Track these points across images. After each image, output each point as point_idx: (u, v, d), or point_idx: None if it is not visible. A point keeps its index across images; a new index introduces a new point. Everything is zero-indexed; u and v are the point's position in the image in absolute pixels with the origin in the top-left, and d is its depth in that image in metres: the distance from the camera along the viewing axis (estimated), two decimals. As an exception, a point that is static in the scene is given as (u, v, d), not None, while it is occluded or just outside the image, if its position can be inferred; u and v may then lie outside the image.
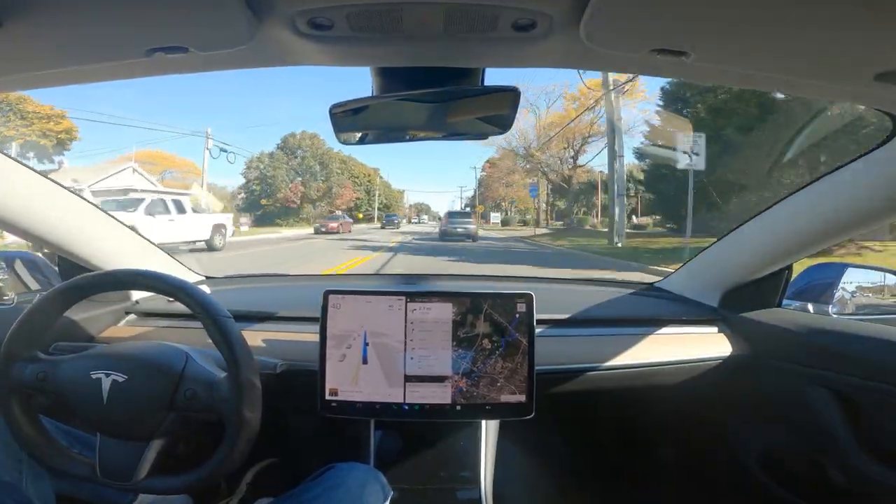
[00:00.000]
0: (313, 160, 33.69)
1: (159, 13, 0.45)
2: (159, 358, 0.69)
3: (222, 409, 0.67)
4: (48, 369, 0.68)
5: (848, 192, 0.78)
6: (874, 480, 0.80)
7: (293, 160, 33.29)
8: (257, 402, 0.68)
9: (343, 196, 34.19)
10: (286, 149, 33.73)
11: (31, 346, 0.70)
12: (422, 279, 1.44)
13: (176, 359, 0.70)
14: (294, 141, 34.04)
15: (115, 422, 0.67)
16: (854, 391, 0.83)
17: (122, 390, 0.65)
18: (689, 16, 0.44)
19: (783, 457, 1.03)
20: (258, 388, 0.68)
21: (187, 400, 0.67)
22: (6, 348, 0.68)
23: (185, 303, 0.68)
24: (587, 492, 1.37)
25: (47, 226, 0.90)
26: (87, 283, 0.71)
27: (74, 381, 0.67)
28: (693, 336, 1.08)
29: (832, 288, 0.97)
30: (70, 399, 0.67)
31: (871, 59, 0.49)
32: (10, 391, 0.68)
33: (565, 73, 24.95)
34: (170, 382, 0.67)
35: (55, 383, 0.67)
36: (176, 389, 0.67)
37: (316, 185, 32.89)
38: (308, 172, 33.04)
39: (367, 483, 0.76)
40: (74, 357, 0.70)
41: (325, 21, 0.47)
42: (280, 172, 31.99)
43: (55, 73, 0.57)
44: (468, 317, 0.90)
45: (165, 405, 0.66)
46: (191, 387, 0.67)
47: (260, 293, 1.38)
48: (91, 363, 0.67)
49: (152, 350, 0.71)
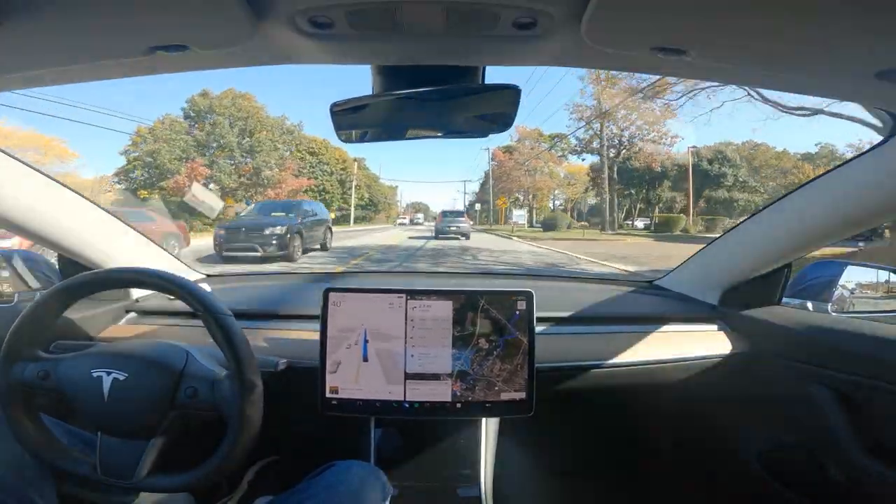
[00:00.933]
0: (229, 127, 20.64)
1: (160, 12, 0.45)
2: (160, 356, 0.69)
3: (223, 408, 0.67)
4: (49, 368, 0.68)
5: (848, 190, 0.78)
6: (874, 478, 0.81)
7: (199, 130, 20.70)
8: (259, 400, 0.68)
9: (283, 185, 21.73)
10: (195, 114, 21.05)
11: (31, 344, 0.70)
12: (422, 277, 1.45)
13: (176, 357, 0.70)
14: (204, 103, 20.86)
15: (116, 420, 0.67)
16: (854, 389, 0.83)
17: (123, 388, 0.65)
18: (690, 14, 0.44)
19: (783, 454, 1.03)
20: (260, 387, 0.68)
21: (188, 398, 0.67)
22: (7, 347, 0.68)
23: (185, 301, 0.68)
24: (587, 490, 1.37)
25: (47, 224, 0.90)
26: (87, 282, 0.71)
27: (75, 379, 0.67)
28: (693, 334, 1.08)
29: (832, 286, 0.97)
30: (71, 397, 0.67)
31: (871, 57, 0.48)
32: (10, 390, 0.68)
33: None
34: (170, 380, 0.67)
35: (56, 382, 0.68)
36: (177, 387, 0.67)
37: (232, 165, 20.76)
38: (219, 145, 20.51)
39: (366, 481, 0.76)
40: (75, 356, 0.70)
41: (325, 19, 0.47)
42: (169, 147, 19.39)
43: (55, 72, 0.57)
44: (468, 314, 0.90)
45: (166, 403, 0.66)
46: (192, 385, 0.67)
47: (260, 291, 1.38)
48: (92, 362, 0.67)
49: (153, 348, 0.71)
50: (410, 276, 1.46)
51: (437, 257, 9.32)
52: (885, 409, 0.80)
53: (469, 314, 0.90)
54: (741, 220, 1.06)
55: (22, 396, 0.69)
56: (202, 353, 0.74)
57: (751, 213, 1.02)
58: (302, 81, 64.16)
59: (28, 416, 0.69)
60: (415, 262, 8.76)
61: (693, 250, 1.22)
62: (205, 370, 0.70)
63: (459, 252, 10.42)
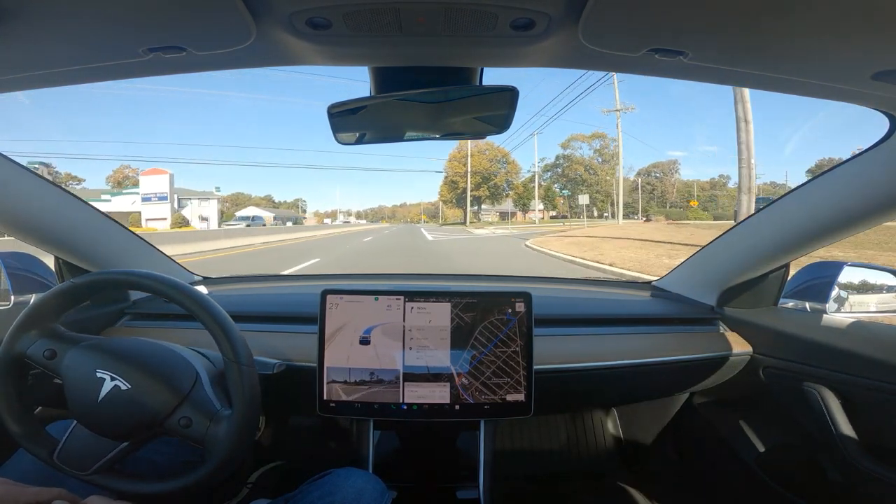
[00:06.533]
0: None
1: (157, 13, 0.45)
2: (169, 374, 0.67)
3: (210, 447, 0.65)
4: (59, 349, 0.67)
5: (845, 192, 0.78)
6: (872, 478, 0.81)
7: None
8: (250, 441, 0.66)
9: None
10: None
11: (49, 321, 0.69)
12: (420, 279, 1.44)
13: (185, 377, 0.68)
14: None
15: (98, 421, 0.65)
16: (851, 389, 0.84)
17: (120, 398, 0.64)
18: (686, 16, 0.44)
19: (781, 454, 1.03)
20: (255, 426, 0.67)
21: (180, 426, 0.65)
22: (24, 318, 0.67)
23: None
24: (586, 491, 1.37)
25: (44, 226, 0.89)
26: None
27: (78, 372, 0.65)
28: (691, 335, 1.08)
29: (829, 287, 0.97)
30: (66, 386, 0.66)
31: (868, 59, 0.49)
32: (12, 359, 0.67)
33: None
34: (170, 403, 0.65)
35: (58, 365, 0.66)
36: (173, 411, 0.65)
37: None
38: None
39: (364, 490, 0.75)
40: (88, 345, 0.68)
41: (323, 21, 0.47)
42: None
43: (54, 73, 0.57)
44: (467, 316, 0.90)
45: (156, 423, 0.65)
46: (188, 414, 0.65)
47: (257, 293, 1.37)
48: (100, 360, 0.66)
49: (164, 361, 0.69)
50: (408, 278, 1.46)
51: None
52: (883, 410, 0.80)
53: (468, 316, 0.90)
54: (740, 221, 1.06)
55: (19, 368, 0.67)
56: (211, 376, 0.71)
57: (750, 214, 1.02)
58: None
59: (16, 389, 0.67)
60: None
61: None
62: (207, 403, 0.67)
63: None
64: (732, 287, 1.10)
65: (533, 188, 52.52)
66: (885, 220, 0.77)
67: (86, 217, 0.97)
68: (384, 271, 4.42)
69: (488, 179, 52.50)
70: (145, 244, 1.17)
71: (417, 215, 76.83)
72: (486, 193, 53.43)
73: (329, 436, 1.37)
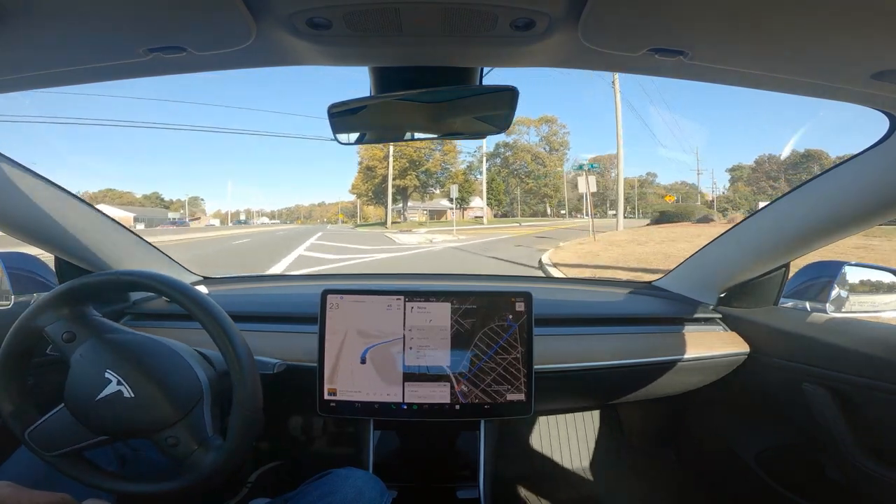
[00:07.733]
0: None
1: (158, 14, 0.45)
2: (175, 389, 0.66)
3: (189, 470, 0.64)
4: (80, 333, 0.66)
5: (845, 191, 0.78)
6: (871, 477, 0.81)
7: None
8: (233, 468, 0.66)
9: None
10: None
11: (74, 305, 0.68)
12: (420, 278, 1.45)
13: (190, 396, 0.67)
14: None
15: (87, 415, 0.65)
16: (851, 389, 0.84)
17: (118, 403, 0.63)
18: (686, 16, 0.44)
19: (781, 453, 1.03)
20: (245, 456, 0.66)
21: (167, 444, 0.64)
22: (49, 299, 0.67)
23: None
24: (586, 490, 1.37)
25: (45, 227, 0.89)
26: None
27: (86, 366, 0.65)
28: (691, 334, 1.08)
29: (829, 286, 0.97)
30: (69, 374, 0.65)
31: (867, 59, 0.49)
32: (26, 333, 0.66)
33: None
34: (166, 421, 0.64)
35: (71, 352, 0.66)
36: (164, 428, 0.64)
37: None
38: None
39: (363, 490, 0.75)
40: (109, 339, 0.67)
41: (323, 21, 0.47)
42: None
43: (54, 74, 0.57)
44: (467, 316, 0.90)
45: (143, 434, 0.64)
46: (178, 435, 0.64)
47: (257, 293, 1.38)
48: (112, 360, 0.65)
49: (174, 372, 0.68)
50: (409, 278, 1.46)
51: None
52: (883, 410, 0.80)
53: (468, 315, 0.90)
54: (739, 221, 1.06)
55: (33, 342, 0.67)
56: (215, 398, 0.70)
57: (749, 214, 1.02)
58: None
59: (20, 361, 0.67)
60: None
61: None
62: (203, 428, 0.66)
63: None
64: (732, 287, 1.10)
65: (474, 181, 42.16)
66: (887, 219, 0.77)
67: (86, 217, 0.97)
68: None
69: (418, 165, 37.84)
70: (145, 244, 1.17)
71: (335, 214, 69.93)
72: (415, 183, 38.87)
73: (329, 436, 1.37)
